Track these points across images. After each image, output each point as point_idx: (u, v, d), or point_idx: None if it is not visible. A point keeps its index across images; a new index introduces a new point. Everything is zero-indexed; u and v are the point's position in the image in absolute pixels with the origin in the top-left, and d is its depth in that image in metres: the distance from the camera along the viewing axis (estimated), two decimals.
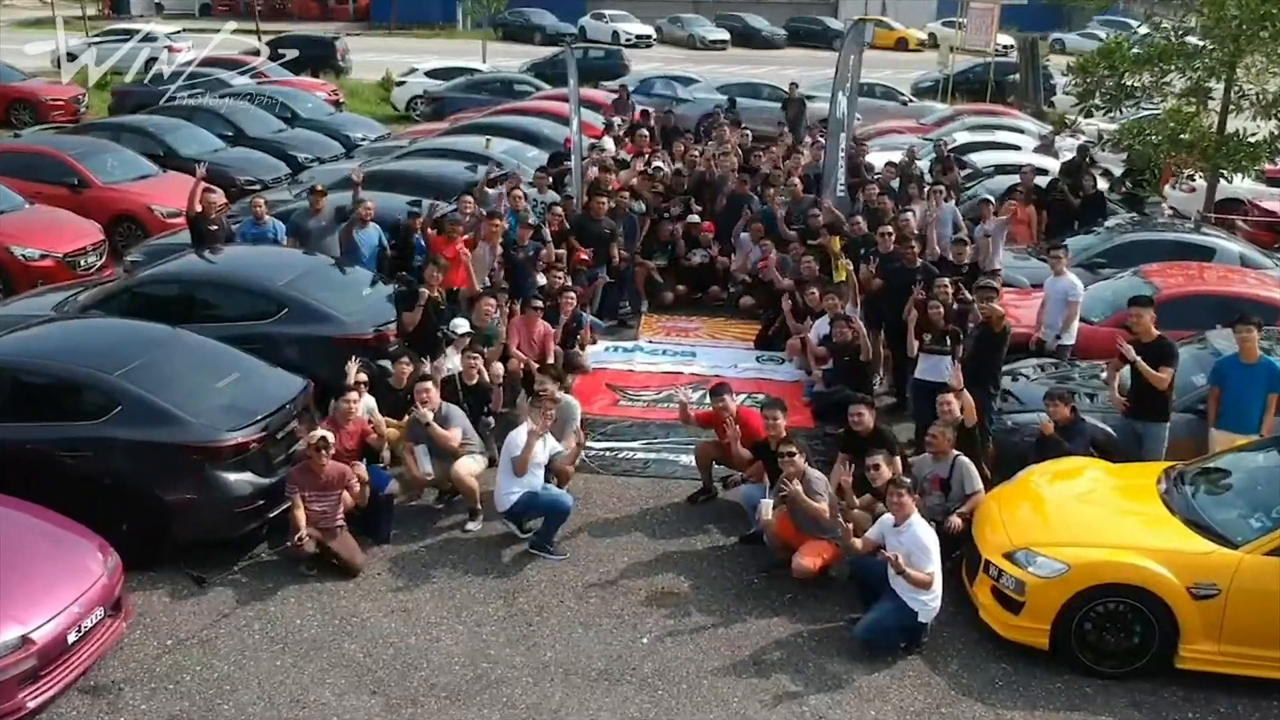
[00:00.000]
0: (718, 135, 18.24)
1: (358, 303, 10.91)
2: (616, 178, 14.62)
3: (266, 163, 19.27)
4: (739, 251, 14.77)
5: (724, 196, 15.22)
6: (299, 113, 22.88)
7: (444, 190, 14.83)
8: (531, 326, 11.56)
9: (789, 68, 44.98)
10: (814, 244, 13.45)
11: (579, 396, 11.71)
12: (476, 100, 26.03)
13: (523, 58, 38.66)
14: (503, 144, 18.11)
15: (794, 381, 12.40)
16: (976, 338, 9.82)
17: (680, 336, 13.81)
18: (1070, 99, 32.94)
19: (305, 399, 9.30)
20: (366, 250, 12.35)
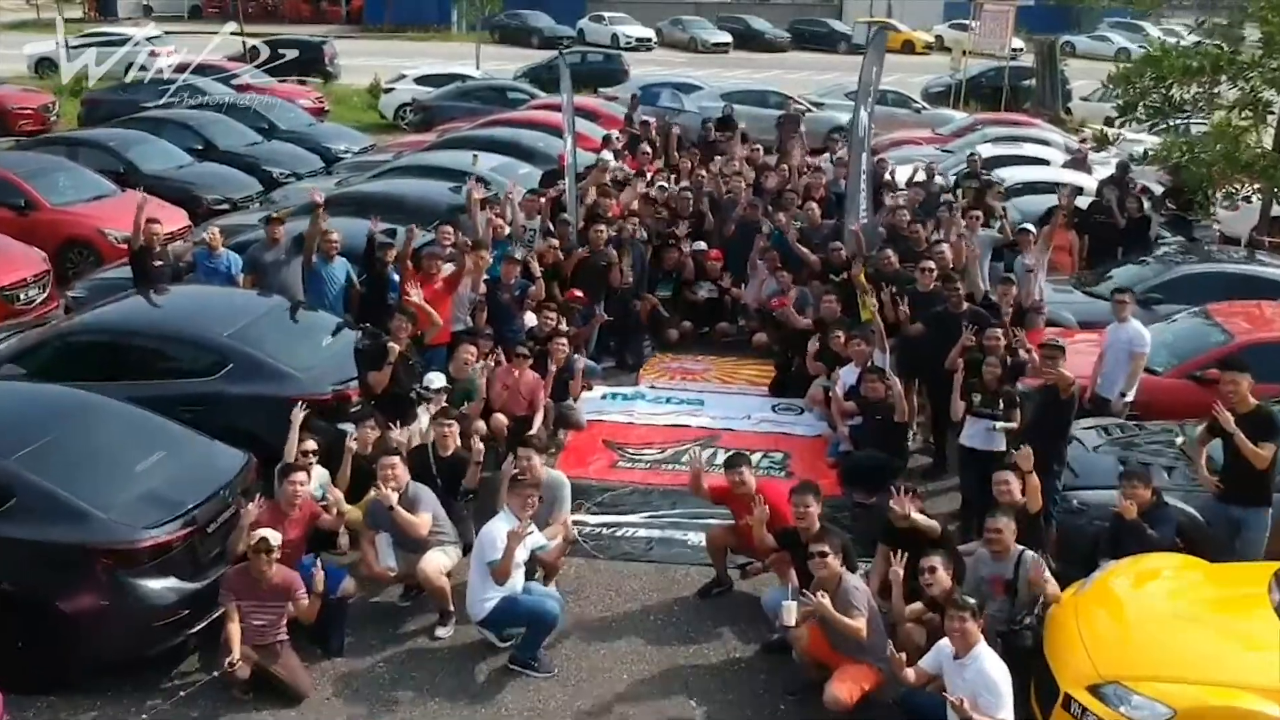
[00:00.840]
0: (726, 150, 16.72)
1: (316, 355, 9.47)
2: (617, 201, 13.15)
3: (237, 179, 17.83)
4: (752, 282, 13.33)
5: (733, 221, 13.74)
6: (276, 123, 21.41)
7: (424, 216, 13.41)
8: (518, 377, 10.15)
9: (793, 71, 43.67)
10: (837, 279, 11.99)
11: (572, 456, 10.39)
12: (467, 109, 24.56)
13: (518, 61, 37.21)
14: (492, 159, 16.63)
15: (815, 436, 10.96)
16: (1039, 404, 8.37)
17: (687, 380, 12.36)
18: (1088, 105, 32.42)
19: (246, 478, 7.87)
20: (332, 288, 10.93)
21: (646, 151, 16.37)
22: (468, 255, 10.77)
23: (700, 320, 13.39)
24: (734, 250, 13.66)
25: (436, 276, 10.43)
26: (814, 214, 13.35)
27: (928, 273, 10.59)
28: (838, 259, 12.15)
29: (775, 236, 13.42)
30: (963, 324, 9.61)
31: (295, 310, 10.22)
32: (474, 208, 11.84)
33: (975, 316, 9.76)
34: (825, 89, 29.62)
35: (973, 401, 8.85)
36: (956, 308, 10.02)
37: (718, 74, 41.05)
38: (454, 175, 15.65)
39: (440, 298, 10.40)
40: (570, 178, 13.04)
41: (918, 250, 11.92)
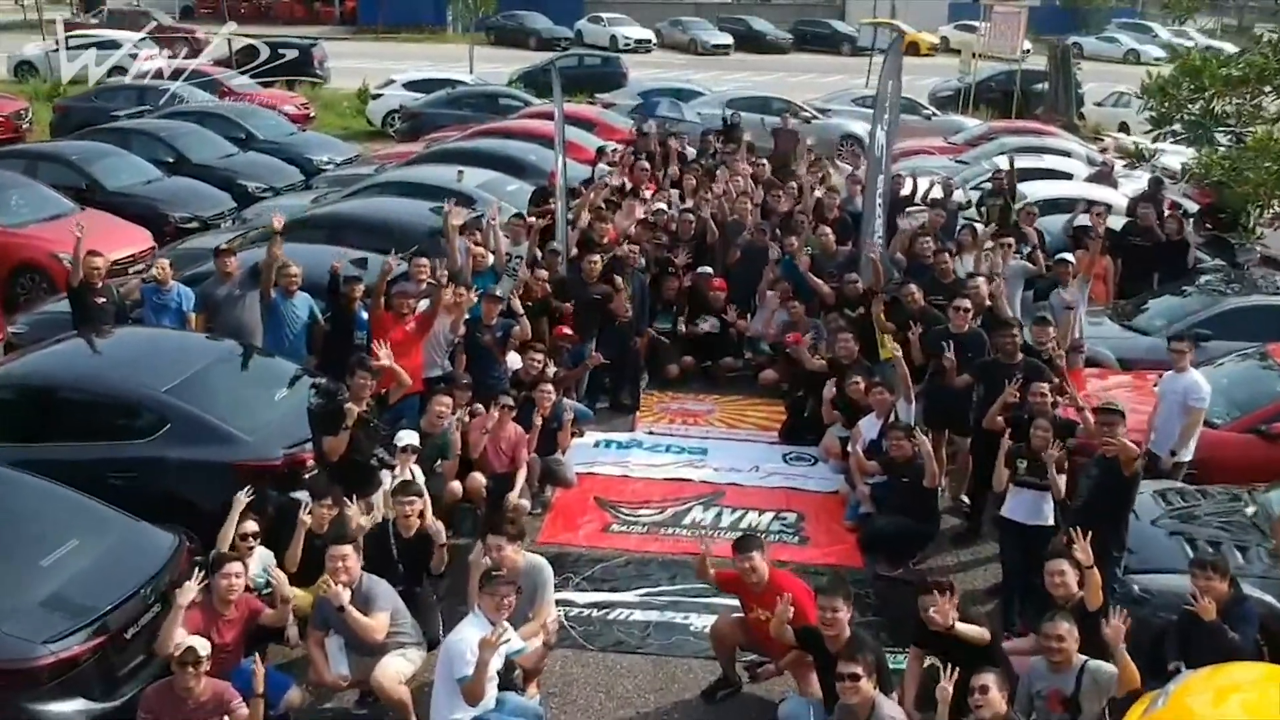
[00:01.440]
0: (730, 165, 15.56)
1: (269, 411, 8.34)
2: (613, 225, 12.01)
3: (208, 195, 16.68)
4: (760, 313, 12.21)
5: (738, 247, 12.61)
6: (254, 132, 20.26)
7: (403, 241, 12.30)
8: (499, 430, 9.04)
9: (796, 74, 42.54)
10: (853, 315, 10.88)
11: (560, 517, 9.30)
12: (457, 116, 23.44)
13: (515, 63, 36.10)
14: (479, 175, 15.51)
15: (832, 492, 9.84)
16: (1096, 480, 7.24)
17: (688, 423, 11.24)
18: (1102, 111, 31.29)
19: (177, 566, 6.76)
20: (293, 326, 9.83)
21: (645, 168, 15.15)
22: (445, 291, 9.63)
23: (703, 354, 12.27)
24: (739, 278, 12.54)
25: (408, 317, 9.31)
26: (828, 240, 12.20)
27: (962, 313, 9.43)
28: (853, 292, 11.01)
29: (785, 264, 12.31)
30: (1013, 376, 8.45)
31: (247, 357, 9.10)
32: (452, 235, 10.71)
33: (1031, 369, 8.59)
34: (832, 94, 28.55)
35: (1017, 469, 7.74)
36: (1010, 358, 8.84)
37: (718, 76, 40.01)
38: (437, 194, 14.51)
39: (411, 341, 9.29)
40: (561, 201, 11.87)
41: (944, 282, 10.80)
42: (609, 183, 13.95)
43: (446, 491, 8.70)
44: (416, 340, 9.33)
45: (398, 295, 9.32)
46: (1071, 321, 10.06)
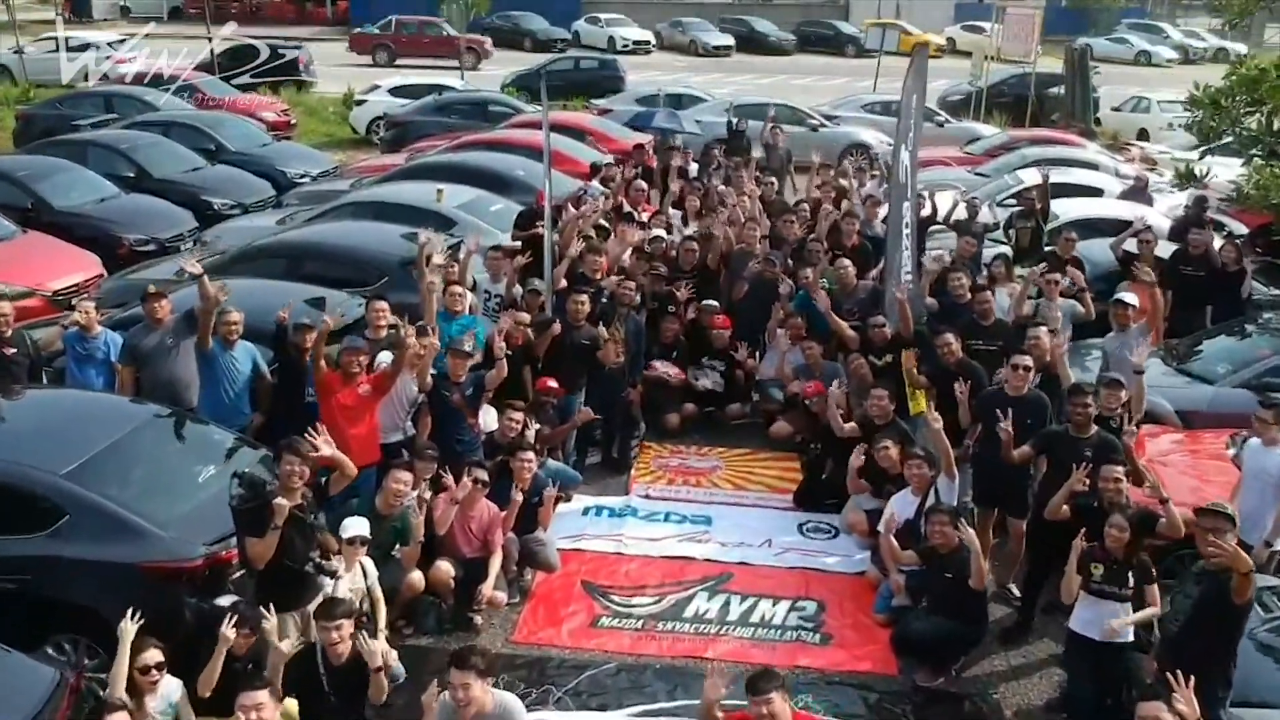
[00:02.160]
0: (735, 184, 14.20)
1: (190, 497, 7.00)
2: (605, 256, 10.65)
3: (167, 214, 15.33)
4: (770, 354, 10.87)
5: (746, 280, 11.25)
6: (224, 143, 18.91)
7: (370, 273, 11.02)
8: (470, 507, 7.72)
9: (799, 76, 41.22)
10: (880, 363, 9.54)
11: (542, 609, 8.02)
12: (444, 124, 22.07)
13: (509, 65, 34.78)
14: (461, 193, 14.17)
15: (857, 574, 8.49)
16: (1199, 601, 5.87)
17: (689, 484, 9.89)
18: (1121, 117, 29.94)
19: (57, 709, 5.43)
20: (234, 382, 8.49)
21: (641, 187, 13.74)
22: (410, 341, 8.27)
23: (706, 399, 10.92)
24: (747, 314, 11.19)
25: (359, 378, 7.96)
26: (848, 273, 10.83)
27: (1022, 373, 8.03)
28: (880, 337, 9.65)
29: (799, 299, 10.98)
30: (1083, 455, 7.10)
31: (172, 425, 7.74)
32: (426, 273, 9.37)
33: (1102, 446, 7.22)
34: (839, 99, 27.10)
35: (1090, 574, 6.40)
36: (1082, 430, 7.48)
37: (719, 79, 38.69)
38: (413, 216, 13.18)
39: (365, 406, 7.95)
40: (548, 230, 10.49)
41: (984, 325, 9.46)
42: (600, 205, 12.52)
43: (406, 584, 7.39)
44: (371, 404, 7.99)
45: (346, 351, 7.96)
46: (1144, 388, 8.62)
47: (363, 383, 7.95)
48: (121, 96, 22.36)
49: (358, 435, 7.82)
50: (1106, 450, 7.14)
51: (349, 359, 7.89)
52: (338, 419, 7.71)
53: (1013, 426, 7.59)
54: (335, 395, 7.81)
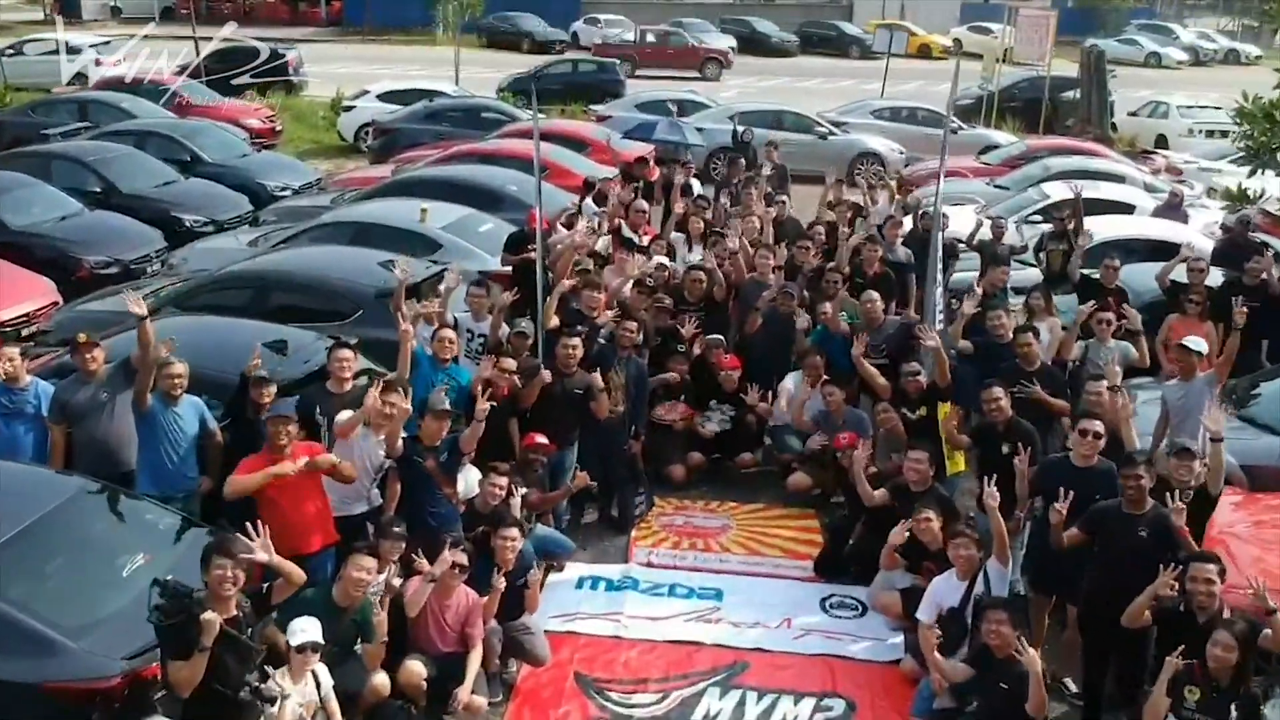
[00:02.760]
0: (743, 201, 13.11)
1: (110, 598, 5.93)
2: (605, 290, 9.56)
3: (132, 233, 14.23)
4: (786, 400, 9.76)
5: (759, 312, 10.16)
6: (200, 154, 17.83)
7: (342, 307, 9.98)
8: (445, 594, 6.66)
9: (803, 78, 40.15)
10: (914, 417, 8.47)
11: (527, 709, 6.93)
12: (434, 132, 20.98)
13: (506, 68, 33.72)
14: (447, 212, 13.11)
15: (891, 663, 7.43)
16: None
17: (697, 548, 8.81)
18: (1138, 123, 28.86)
19: None
20: (177, 443, 7.40)
21: (642, 208, 12.61)
22: (371, 398, 7.19)
23: (714, 447, 9.86)
24: (760, 352, 10.12)
25: (288, 449, 6.83)
26: (874, 307, 9.74)
27: (1091, 440, 6.95)
28: (914, 387, 8.56)
29: (818, 334, 9.92)
30: (1139, 533, 6.05)
31: (102, 504, 6.67)
32: (400, 314, 8.31)
33: (1161, 526, 6.14)
34: (847, 106, 25.99)
35: (1184, 699, 5.35)
36: (1136, 505, 6.43)
37: (721, 82, 37.65)
38: (394, 240, 12.18)
39: (310, 480, 6.84)
40: (540, 259, 9.39)
41: (1027, 370, 8.40)
42: (596, 228, 11.44)
43: (369, 688, 6.33)
44: (311, 479, 6.89)
45: (272, 421, 6.82)
46: (1224, 458, 7.48)
47: (297, 453, 6.83)
48: (97, 103, 21.24)
49: (305, 517, 6.76)
50: (1166, 532, 6.11)
51: (276, 430, 6.76)
52: (279, 501, 6.64)
53: (1077, 504, 6.54)
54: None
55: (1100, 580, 6.57)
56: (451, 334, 8.42)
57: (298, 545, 6.61)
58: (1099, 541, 6.58)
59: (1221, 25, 61.47)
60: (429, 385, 8.11)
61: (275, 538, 6.01)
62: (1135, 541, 6.38)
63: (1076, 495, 6.68)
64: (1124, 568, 6.43)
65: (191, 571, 5.56)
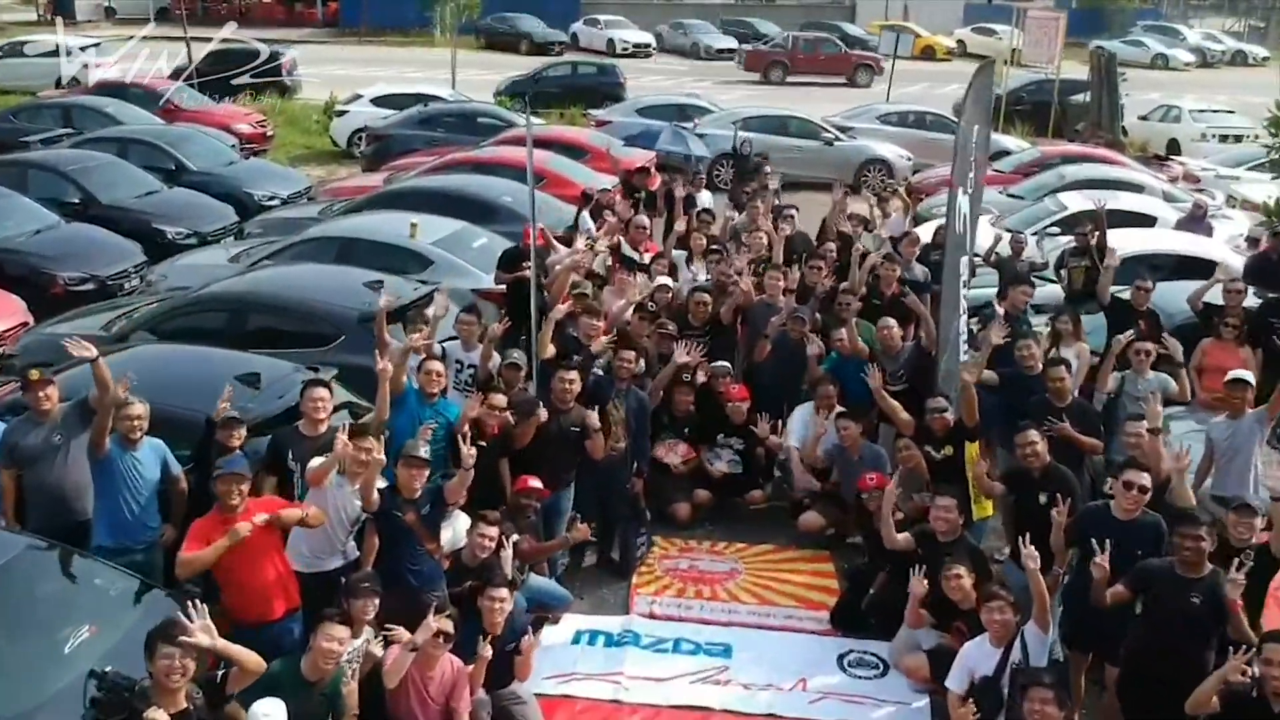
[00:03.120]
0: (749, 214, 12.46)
1: (47, 680, 5.28)
2: (605, 317, 8.92)
3: (109, 246, 13.58)
4: (796, 428, 9.13)
5: (768, 338, 9.53)
6: (186, 162, 17.18)
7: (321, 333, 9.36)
8: (428, 666, 6.02)
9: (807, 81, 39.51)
10: (939, 456, 7.82)
11: None
12: (429, 139, 20.35)
13: (504, 70, 33.12)
14: (440, 226, 12.49)
15: None
16: None
17: (703, 597, 8.16)
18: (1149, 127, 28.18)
19: None
20: (138, 490, 6.76)
21: (643, 224, 11.95)
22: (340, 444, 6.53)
23: (722, 484, 9.21)
24: (770, 379, 9.50)
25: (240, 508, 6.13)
26: (891, 333, 9.10)
27: (1136, 494, 6.32)
28: (941, 426, 7.89)
29: (832, 362, 9.29)
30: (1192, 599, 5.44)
31: (49, 566, 6.02)
32: (382, 345, 7.67)
33: (1215, 608, 5.53)
34: (853, 110, 25.32)
35: None
36: (1193, 569, 5.82)
37: (722, 84, 37.02)
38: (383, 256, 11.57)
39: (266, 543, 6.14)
40: (534, 282, 8.74)
41: (1058, 406, 7.78)
42: (595, 243, 10.79)
43: None
44: (273, 538, 6.24)
45: (221, 479, 6.07)
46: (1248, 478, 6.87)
47: (251, 511, 6.14)
48: (81, 109, 20.59)
49: (265, 582, 6.12)
50: (1221, 601, 5.51)
51: (227, 489, 6.05)
52: (235, 567, 6.00)
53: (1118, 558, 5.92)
54: (214, 540, 5.99)
55: (1145, 643, 6.00)
56: (439, 366, 7.74)
57: (260, 613, 6.00)
58: (1146, 602, 5.98)
59: (1227, 26, 60.81)
60: (415, 423, 7.47)
61: (234, 606, 5.38)
62: (1187, 606, 5.80)
63: (1117, 549, 6.08)
64: (1173, 632, 5.86)
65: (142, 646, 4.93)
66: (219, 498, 6.07)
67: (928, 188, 19.49)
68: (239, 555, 5.97)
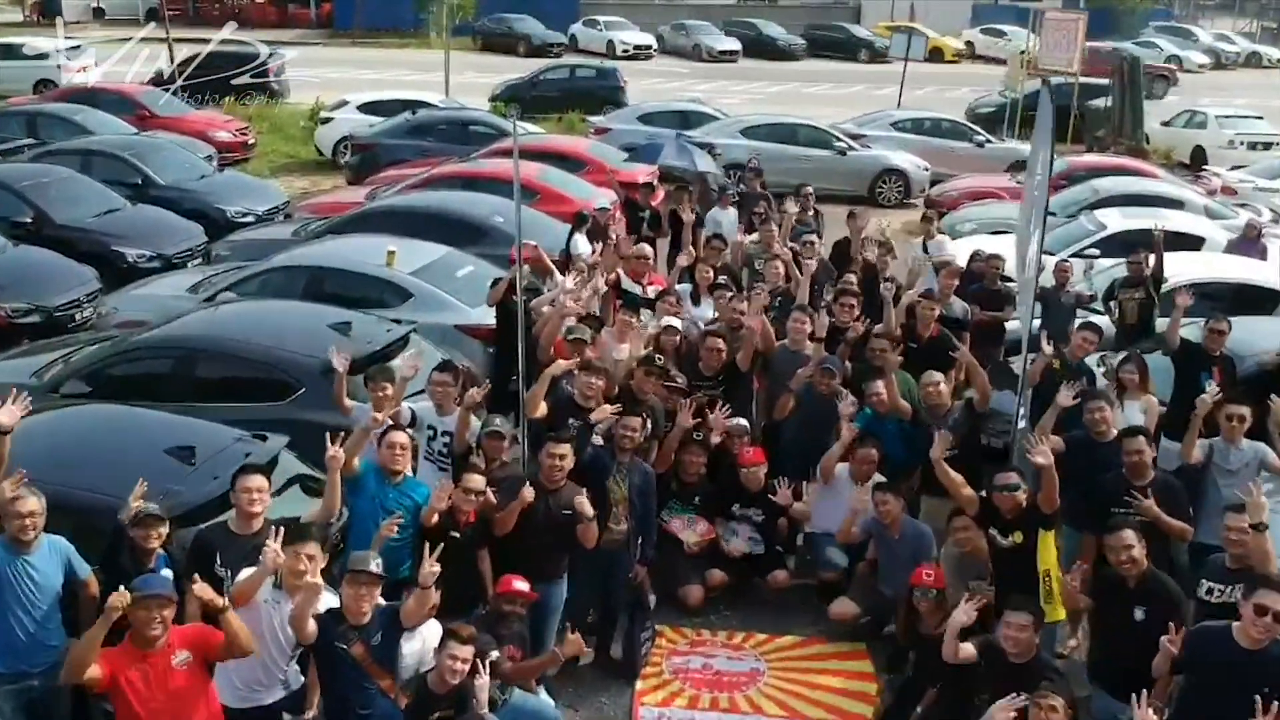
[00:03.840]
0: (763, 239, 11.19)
1: None
2: (604, 381, 7.64)
3: (61, 273, 12.32)
4: (826, 499, 7.88)
5: (792, 392, 8.27)
6: (153, 176, 15.94)
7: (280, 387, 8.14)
8: None
9: (811, 83, 38.36)
10: (1007, 544, 6.56)
11: None
12: (418, 149, 19.08)
13: (501, 73, 31.97)
14: (421, 252, 11.28)
15: None
16: None
17: (719, 707, 6.92)
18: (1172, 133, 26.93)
19: None
20: (35, 601, 5.52)
21: (646, 255, 10.55)
22: (270, 551, 5.28)
23: (739, 564, 7.96)
24: (795, 440, 8.25)
25: (167, 645, 4.88)
26: (937, 392, 7.85)
27: (1269, 621, 5.04)
28: (1011, 506, 6.61)
29: (866, 419, 8.03)
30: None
31: None
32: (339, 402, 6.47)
33: None
34: (865, 117, 24.01)
35: None
36: None
37: (725, 86, 35.84)
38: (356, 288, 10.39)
39: (192, 687, 4.90)
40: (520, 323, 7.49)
41: (1138, 485, 6.56)
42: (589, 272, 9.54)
43: None
44: (201, 681, 4.98)
45: (142, 604, 4.81)
46: None
47: (174, 648, 4.92)
48: (47, 117, 19.34)
49: None
50: None
51: (147, 616, 4.80)
52: (151, 714, 4.78)
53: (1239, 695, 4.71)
54: (130, 678, 4.79)
55: None
56: (404, 438, 6.47)
57: None
58: None
59: (1238, 27, 59.61)
60: (377, 509, 6.25)
61: None
62: None
63: (1240, 684, 4.87)
64: None
65: None
66: (135, 626, 4.83)
67: (949, 201, 18.26)
68: (159, 702, 4.74)
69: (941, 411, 7.79)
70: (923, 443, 7.76)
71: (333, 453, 5.93)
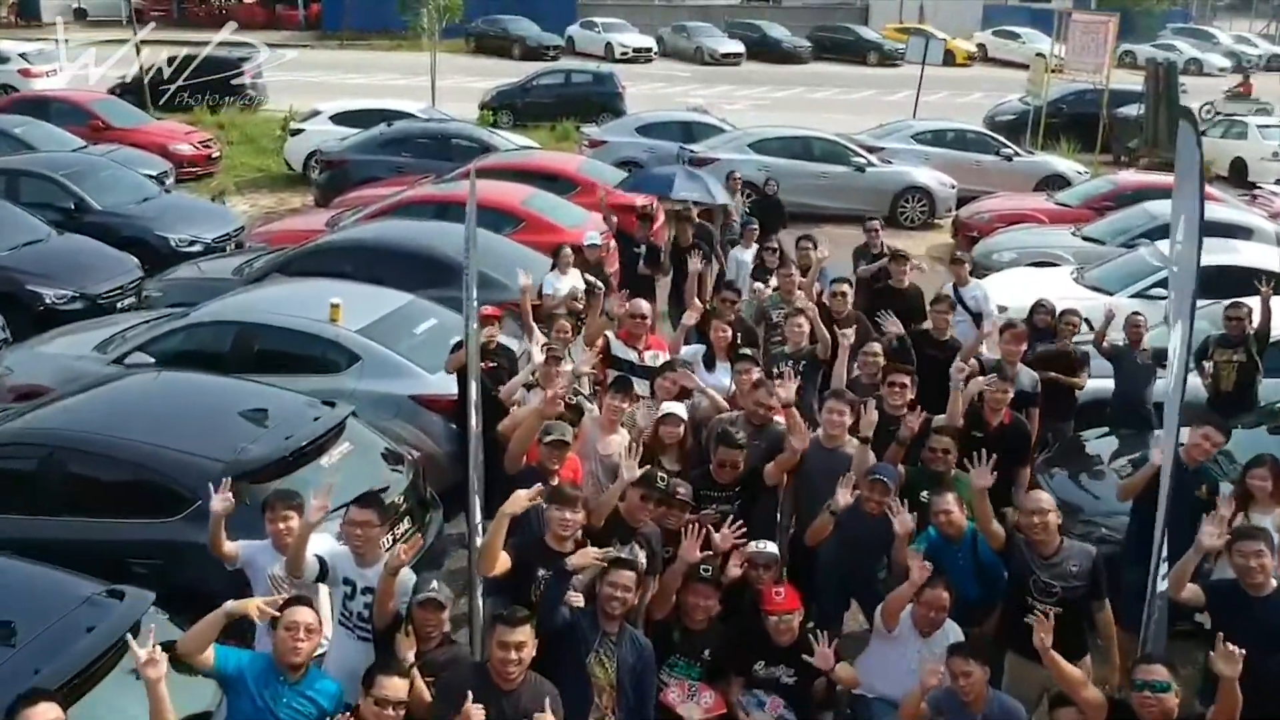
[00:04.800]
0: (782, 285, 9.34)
1: None
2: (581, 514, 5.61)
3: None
4: (881, 653, 5.99)
5: (830, 512, 6.33)
6: (89, 199, 14.09)
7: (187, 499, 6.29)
8: None
9: (817, 87, 36.55)
10: None
11: None
12: (394, 164, 17.26)
13: (493, 77, 30.19)
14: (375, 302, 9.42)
15: None
16: None
17: None
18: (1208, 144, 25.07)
19: None
20: None
21: (642, 314, 8.26)
22: None
23: None
24: (833, 573, 6.37)
25: None
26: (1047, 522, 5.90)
27: None
28: (1157, 717, 4.70)
29: (925, 542, 6.14)
30: None
31: None
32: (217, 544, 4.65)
33: None
34: (883, 129, 22.02)
35: None
36: None
37: (728, 91, 34.09)
38: (289, 348, 8.56)
39: None
40: (473, 425, 5.57)
41: (1259, 598, 4.72)
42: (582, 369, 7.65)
43: None
44: None
45: None
46: None
47: None
48: None
49: None
50: None
51: None
52: None
53: None
54: None
55: None
56: (308, 616, 4.60)
57: None
58: None
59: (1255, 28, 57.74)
60: (264, 714, 4.40)
61: None
62: None
63: None
64: None
65: None
66: None
67: (981, 225, 16.37)
68: None
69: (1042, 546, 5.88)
70: (998, 576, 5.97)
71: (142, 655, 4.04)
